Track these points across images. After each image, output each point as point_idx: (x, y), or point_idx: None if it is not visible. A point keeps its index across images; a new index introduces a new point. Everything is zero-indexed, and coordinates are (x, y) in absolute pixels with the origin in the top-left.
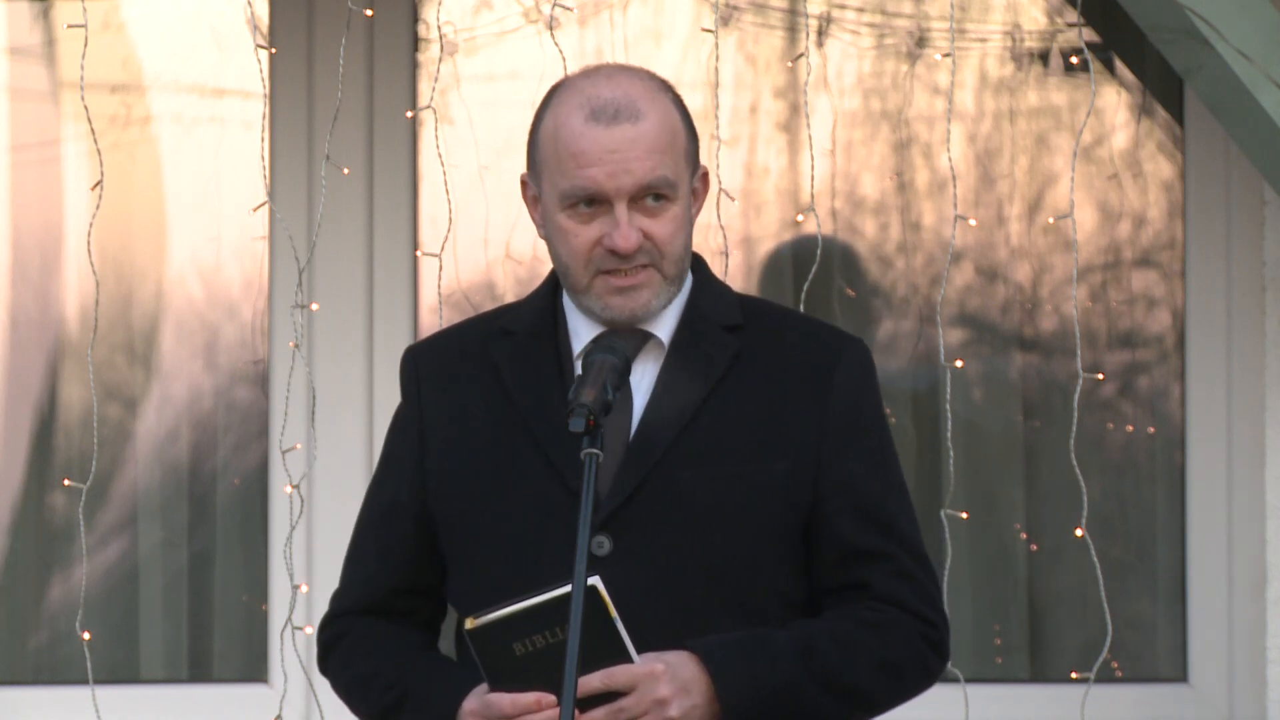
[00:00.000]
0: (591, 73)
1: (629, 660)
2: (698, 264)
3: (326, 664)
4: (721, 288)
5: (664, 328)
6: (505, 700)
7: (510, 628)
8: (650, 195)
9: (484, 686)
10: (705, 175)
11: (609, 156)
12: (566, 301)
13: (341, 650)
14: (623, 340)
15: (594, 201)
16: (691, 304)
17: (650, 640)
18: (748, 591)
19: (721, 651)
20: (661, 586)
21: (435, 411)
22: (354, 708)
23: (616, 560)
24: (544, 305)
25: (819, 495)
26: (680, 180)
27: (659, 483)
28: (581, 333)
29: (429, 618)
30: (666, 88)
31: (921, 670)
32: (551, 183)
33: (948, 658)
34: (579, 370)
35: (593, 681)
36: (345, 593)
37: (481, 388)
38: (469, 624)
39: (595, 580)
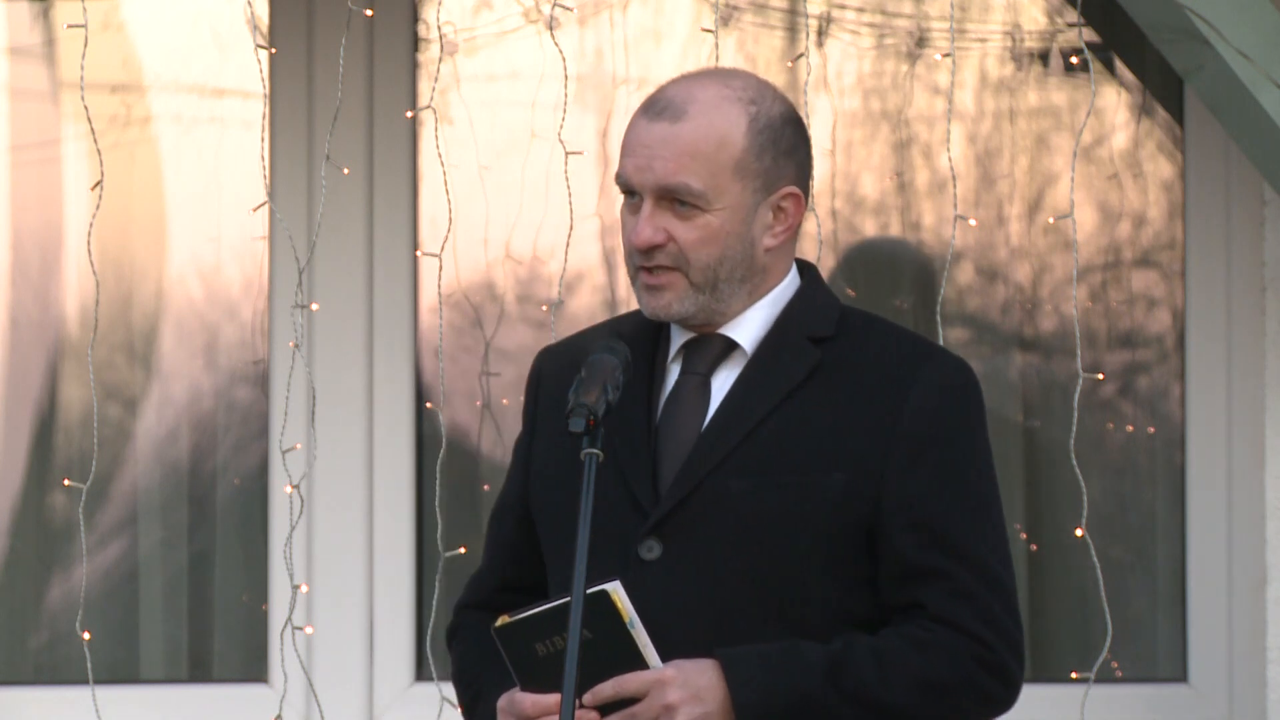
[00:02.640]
0: (692, 71)
1: (644, 666)
2: (807, 271)
3: (450, 651)
4: (825, 297)
5: (749, 335)
6: (527, 701)
7: (533, 628)
8: (675, 199)
9: (517, 685)
10: (795, 197)
11: (641, 150)
12: None
13: (454, 643)
14: (707, 347)
15: (635, 193)
16: (786, 313)
17: (692, 647)
18: (794, 603)
19: (744, 661)
20: (707, 594)
21: (545, 413)
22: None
23: (665, 565)
24: None
25: (881, 511)
26: (716, 192)
27: (712, 490)
28: (677, 338)
29: None
30: (756, 100)
31: (975, 694)
32: None
33: (1012, 682)
34: (676, 374)
35: (604, 690)
36: (469, 585)
37: None
38: (498, 622)
39: (609, 585)
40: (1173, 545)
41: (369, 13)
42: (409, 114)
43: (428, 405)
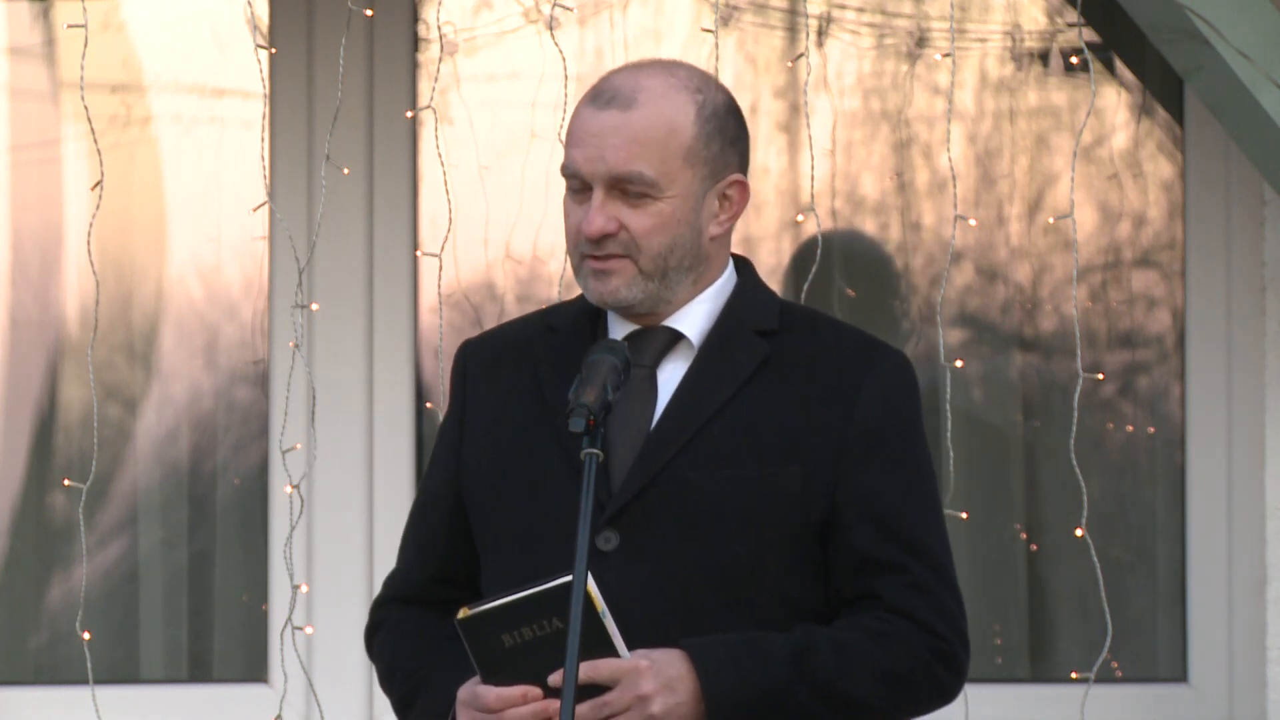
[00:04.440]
0: (633, 62)
1: (615, 655)
2: (744, 267)
3: (370, 649)
4: (764, 292)
5: (695, 328)
6: (491, 695)
7: (500, 619)
8: (626, 187)
9: (478, 677)
10: (741, 185)
11: (590, 139)
12: None
13: (379, 638)
14: (652, 339)
15: (583, 184)
16: (729, 306)
17: (651, 637)
18: (751, 594)
19: (712, 651)
20: (665, 585)
21: (477, 405)
22: (386, 694)
23: (622, 556)
24: (588, 302)
25: (836, 504)
26: (668, 179)
27: (668, 482)
28: (616, 330)
29: None
30: (701, 89)
31: (931, 684)
32: None
33: (963, 674)
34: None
35: None
36: (391, 581)
37: (521, 383)
38: (460, 615)
39: None
40: (1173, 545)
41: (369, 13)
42: (409, 114)
43: (428, 405)
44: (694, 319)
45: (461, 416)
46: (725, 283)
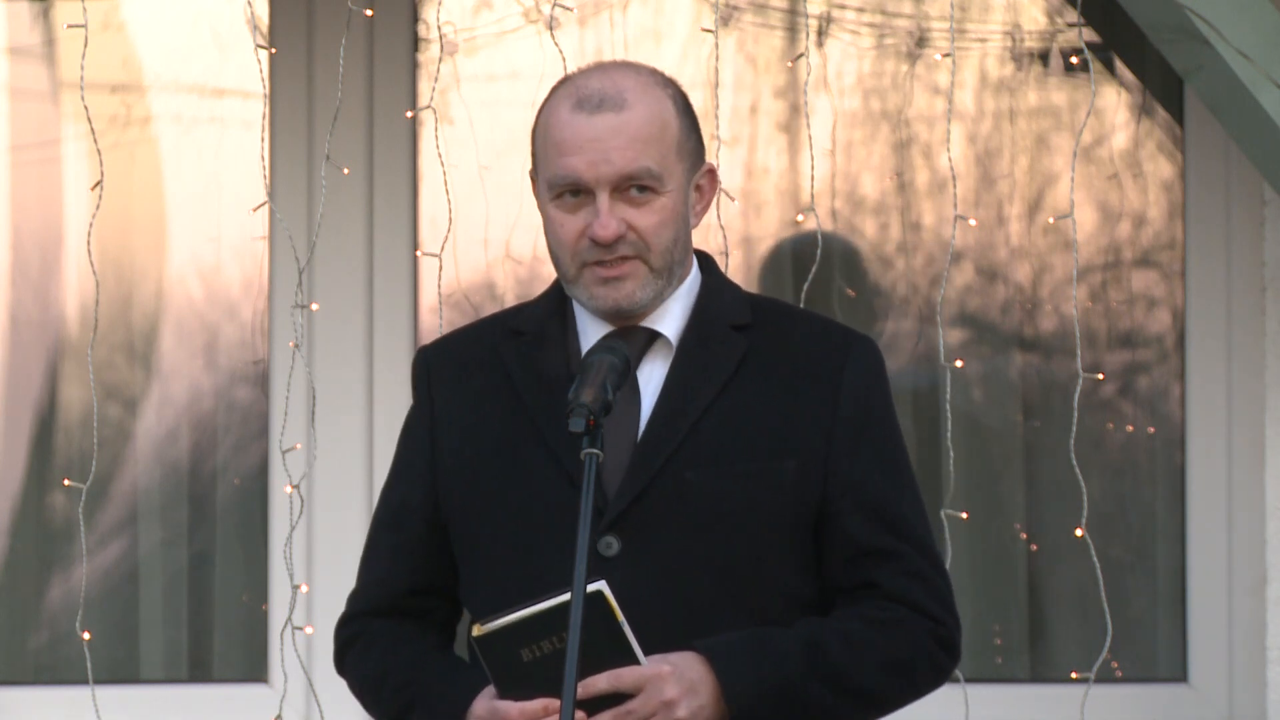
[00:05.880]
0: (590, 67)
1: (636, 663)
2: (707, 263)
3: (343, 665)
4: (731, 287)
5: (672, 327)
6: (513, 710)
7: (518, 634)
8: (633, 186)
9: (492, 690)
10: (712, 173)
11: (590, 145)
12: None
13: (355, 652)
14: (631, 339)
15: (578, 191)
16: (701, 303)
17: (659, 640)
18: (756, 591)
19: (728, 651)
20: (670, 587)
21: (446, 412)
22: (368, 709)
23: (625, 561)
24: (553, 305)
25: (828, 494)
26: (668, 173)
27: (667, 483)
28: (590, 332)
29: (444, 618)
30: (667, 83)
31: (932, 669)
32: (542, 174)
33: (959, 656)
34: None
35: (599, 683)
36: (360, 594)
37: (492, 388)
38: (476, 630)
39: (601, 584)
40: (1173, 545)
41: (369, 13)
42: (409, 114)
43: None
44: (670, 318)
45: (431, 422)
46: (694, 278)
